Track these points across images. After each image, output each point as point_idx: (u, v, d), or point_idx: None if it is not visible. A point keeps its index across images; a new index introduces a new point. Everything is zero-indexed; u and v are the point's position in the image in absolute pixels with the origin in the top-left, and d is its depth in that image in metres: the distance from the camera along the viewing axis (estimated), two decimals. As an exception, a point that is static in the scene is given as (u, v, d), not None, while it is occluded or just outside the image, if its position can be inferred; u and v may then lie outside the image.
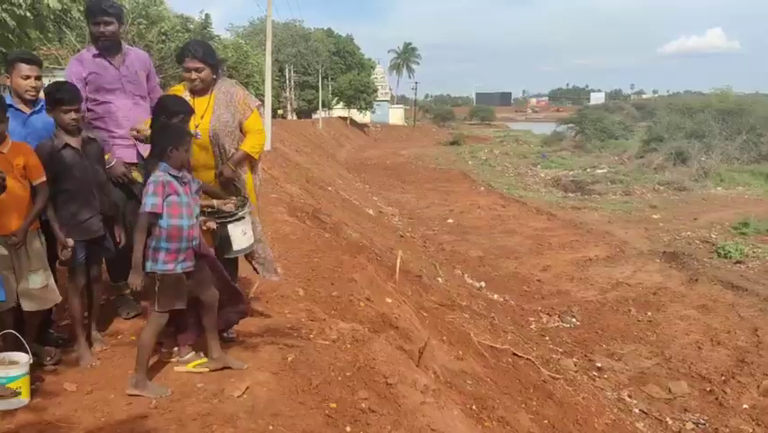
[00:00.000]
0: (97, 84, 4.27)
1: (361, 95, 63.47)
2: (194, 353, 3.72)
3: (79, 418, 3.05)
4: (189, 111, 3.79)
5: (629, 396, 7.68)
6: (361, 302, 5.29)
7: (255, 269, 4.38)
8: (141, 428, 3.08)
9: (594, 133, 41.31)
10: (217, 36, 31.77)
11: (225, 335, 3.99)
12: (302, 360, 3.67)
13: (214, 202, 3.99)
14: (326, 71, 59.38)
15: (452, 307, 7.78)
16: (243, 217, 4.02)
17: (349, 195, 20.21)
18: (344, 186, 23.36)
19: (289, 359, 3.68)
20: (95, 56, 4.30)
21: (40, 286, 3.54)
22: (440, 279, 10.67)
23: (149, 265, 3.44)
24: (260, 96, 23.55)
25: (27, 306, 3.52)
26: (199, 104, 4.12)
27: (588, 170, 31.07)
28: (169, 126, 3.66)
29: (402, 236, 15.24)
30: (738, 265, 13.12)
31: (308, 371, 3.58)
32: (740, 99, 36.76)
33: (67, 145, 3.70)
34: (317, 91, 54.92)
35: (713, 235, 15.84)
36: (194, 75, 4.05)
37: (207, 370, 3.59)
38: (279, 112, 50.06)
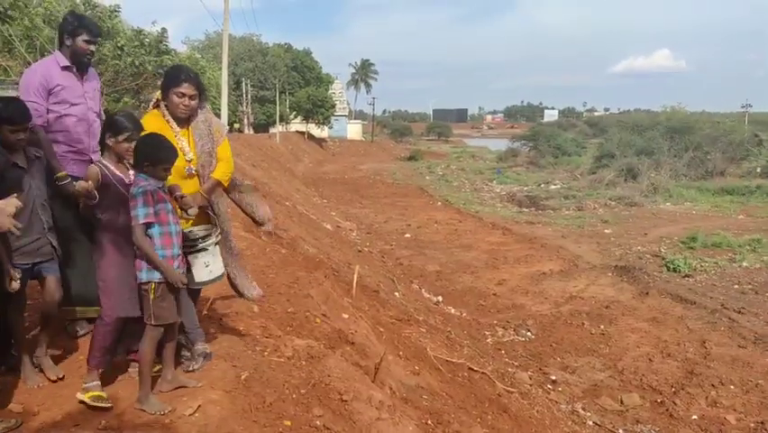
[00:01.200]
0: (62, 97, 4.15)
1: (318, 109, 63.51)
2: (98, 381, 3.46)
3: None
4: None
5: (583, 408, 7.78)
6: (317, 318, 5.24)
7: (237, 291, 4.26)
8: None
9: (548, 150, 42.21)
10: (173, 50, 31.41)
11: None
12: (256, 378, 3.61)
13: (193, 228, 3.89)
14: (284, 86, 59.23)
15: (408, 321, 7.78)
16: (206, 249, 3.85)
17: (306, 210, 20.09)
18: (302, 200, 23.24)
19: (243, 377, 3.61)
20: (63, 68, 4.19)
21: None
22: (397, 293, 10.67)
23: (144, 275, 3.43)
24: (216, 110, 23.33)
25: None
26: (183, 135, 4.02)
27: (542, 185, 31.66)
28: (157, 143, 3.60)
29: (360, 251, 15.21)
30: (687, 279, 13.49)
31: (262, 388, 3.52)
32: (687, 117, 38.08)
33: (14, 164, 3.54)
34: (275, 105, 54.72)
35: (663, 250, 16.26)
36: (187, 101, 3.93)
37: (100, 406, 3.32)
38: (236, 126, 49.67)
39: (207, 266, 3.83)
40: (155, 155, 3.49)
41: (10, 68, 13.97)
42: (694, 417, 7.65)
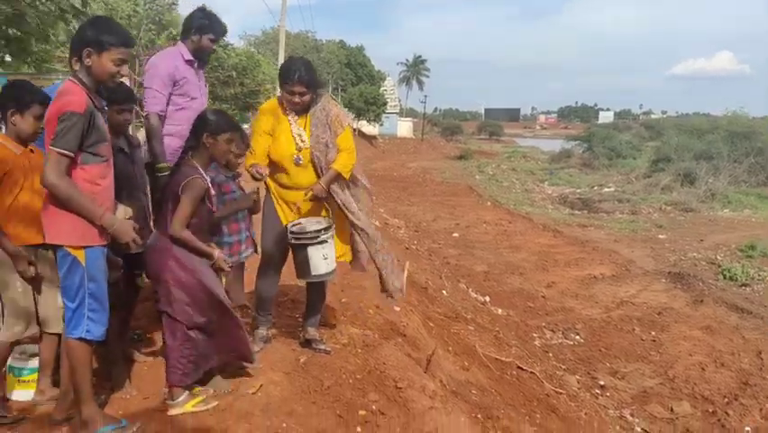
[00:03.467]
0: (185, 89, 4.28)
1: (370, 107, 63.74)
2: (187, 392, 3.55)
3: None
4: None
5: (631, 415, 7.67)
6: (369, 309, 5.35)
7: (384, 289, 4.35)
8: (162, 420, 3.15)
9: (602, 152, 41.31)
10: (231, 45, 32.02)
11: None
12: (314, 362, 3.76)
13: (302, 220, 3.96)
14: (337, 82, 59.72)
15: (457, 319, 7.81)
16: (326, 241, 3.89)
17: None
18: (352, 197, 23.39)
19: (301, 360, 3.77)
20: (186, 61, 4.33)
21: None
22: (445, 292, 10.69)
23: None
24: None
25: (54, 327, 3.36)
26: (299, 124, 4.12)
27: (595, 187, 31.07)
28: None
29: (408, 249, 15.26)
30: (744, 288, 13.10)
31: (320, 372, 3.66)
32: (749, 122, 36.78)
33: (120, 150, 3.63)
34: (327, 102, 55.19)
35: (719, 257, 15.81)
36: (297, 99, 4.03)
37: (207, 408, 3.41)
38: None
39: (326, 258, 3.88)
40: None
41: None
42: (747, 428, 7.46)
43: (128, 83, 4.25)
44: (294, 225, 3.94)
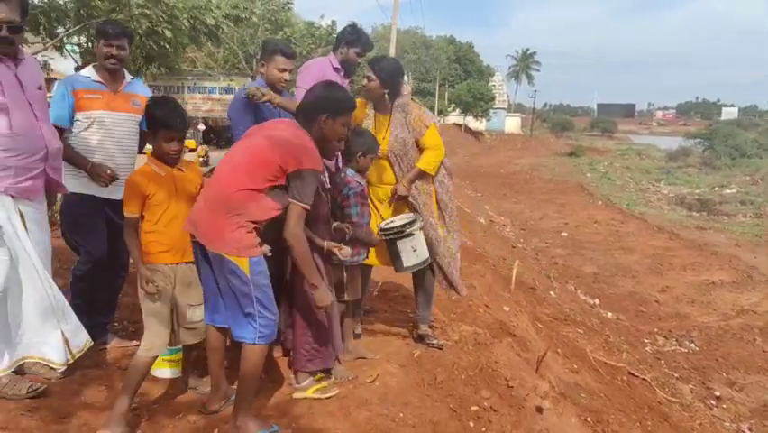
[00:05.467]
0: None
1: (478, 102, 63.27)
2: (311, 378, 3.76)
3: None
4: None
5: (750, 429, 7.33)
6: (479, 308, 5.47)
7: (450, 284, 4.55)
8: (289, 405, 3.44)
9: (724, 150, 38.93)
10: (342, 42, 32.80)
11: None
12: (427, 356, 3.94)
13: (393, 218, 4.26)
14: (445, 78, 59.68)
15: (566, 321, 7.76)
16: (413, 234, 4.09)
17: (461, 202, 20.27)
18: (456, 193, 23.38)
19: (416, 354, 3.95)
20: (334, 68, 4.68)
21: (199, 320, 3.47)
22: (553, 293, 10.59)
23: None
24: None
25: (188, 339, 3.51)
26: (381, 121, 4.34)
27: (716, 188, 29.40)
28: (363, 133, 4.04)
29: (514, 247, 15.18)
30: None
31: (433, 367, 3.83)
32: None
33: None
34: (435, 98, 55.26)
35: None
36: (366, 83, 4.28)
37: (326, 396, 3.58)
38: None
39: (415, 250, 4.13)
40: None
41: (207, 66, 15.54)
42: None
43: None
44: (385, 223, 4.19)
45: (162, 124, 3.35)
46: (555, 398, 3.93)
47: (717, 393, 8.28)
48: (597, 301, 12.04)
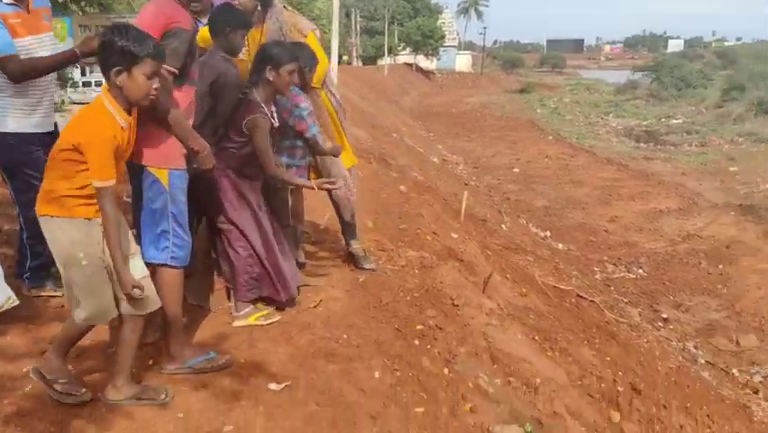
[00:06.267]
0: None
1: (427, 40, 62.44)
2: (252, 306, 3.65)
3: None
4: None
5: (695, 347, 7.58)
6: (427, 236, 5.41)
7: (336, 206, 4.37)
8: (229, 333, 3.35)
9: (671, 82, 39.49)
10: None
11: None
12: (372, 281, 3.91)
13: None
14: (393, 16, 58.55)
15: (516, 250, 7.79)
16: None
17: (413, 142, 20.15)
18: (409, 133, 23.28)
19: (360, 279, 3.91)
20: None
21: (141, 276, 2.75)
22: (504, 226, 10.63)
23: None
24: (327, 42, 23.47)
25: (130, 309, 2.75)
26: (253, 35, 3.87)
27: (662, 120, 29.90)
28: (303, 46, 3.84)
29: (466, 184, 15.18)
30: (822, 220, 12.52)
31: (379, 290, 3.80)
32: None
33: None
34: (384, 37, 54.32)
35: (795, 189, 15.10)
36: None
37: (268, 323, 3.52)
38: (345, 58, 49.90)
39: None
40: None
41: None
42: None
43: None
44: None
45: (141, 54, 2.59)
46: (501, 316, 3.95)
47: (665, 315, 8.52)
48: (548, 233, 12.18)
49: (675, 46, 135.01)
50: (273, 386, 2.88)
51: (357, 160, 4.50)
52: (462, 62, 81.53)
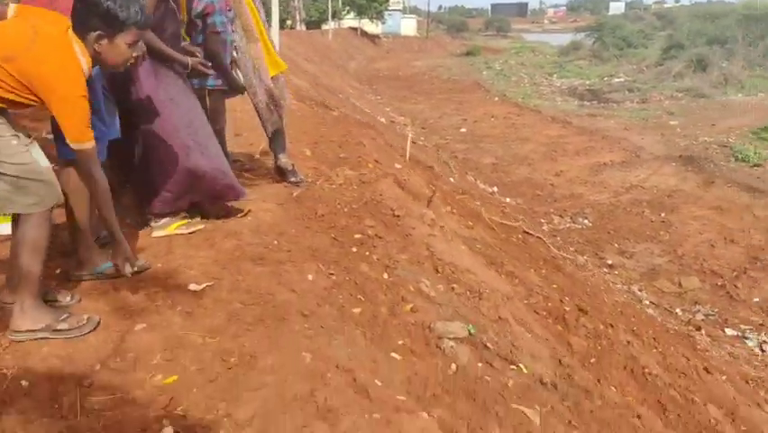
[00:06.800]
0: None
1: (372, 3, 61.54)
2: (171, 216, 3.44)
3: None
4: None
5: (639, 290, 7.72)
6: (369, 163, 5.21)
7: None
8: (148, 243, 3.16)
9: (612, 42, 39.98)
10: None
11: None
12: (308, 195, 3.77)
13: None
14: (336, -21, 57.35)
15: (463, 194, 7.73)
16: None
17: (360, 104, 19.91)
18: (355, 95, 22.99)
19: (295, 194, 3.72)
20: None
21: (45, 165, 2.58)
22: (452, 179, 10.59)
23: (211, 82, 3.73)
24: (267, 6, 22.75)
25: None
26: None
27: (605, 78, 30.28)
28: None
29: (414, 143, 15.07)
30: (756, 168, 12.90)
31: (314, 204, 3.67)
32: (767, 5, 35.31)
33: None
34: (328, 0, 53.21)
35: (731, 140, 15.50)
36: None
37: (190, 232, 3.33)
38: (288, 23, 48.82)
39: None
40: None
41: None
42: (756, 299, 7.50)
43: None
44: None
45: (128, 22, 2.41)
46: (444, 228, 3.84)
47: (610, 262, 8.65)
48: (495, 189, 12.23)
49: (616, 9, 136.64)
50: (193, 286, 2.71)
51: (285, 66, 4.29)
52: (408, 26, 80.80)
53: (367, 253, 3.29)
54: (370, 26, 67.06)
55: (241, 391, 2.07)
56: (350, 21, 65.13)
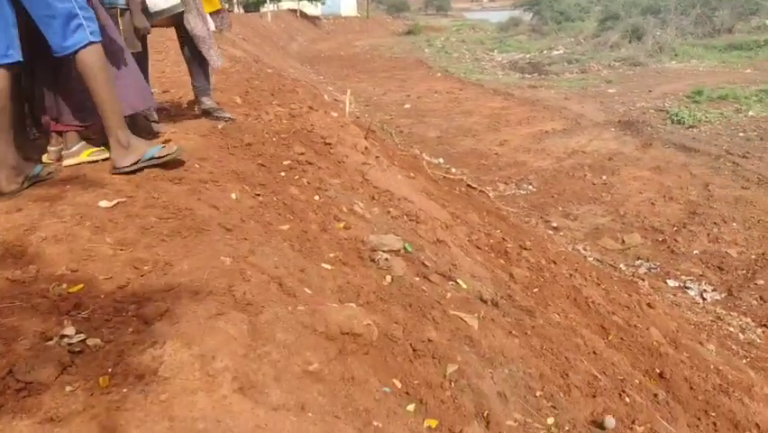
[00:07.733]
0: None
1: (310, -16, 60.68)
2: (83, 142, 3.24)
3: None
4: None
5: (584, 248, 7.83)
6: (303, 109, 5.01)
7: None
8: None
9: (551, 16, 40.56)
10: None
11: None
12: (234, 127, 3.58)
13: None
14: (273, -40, 56.25)
15: (406, 158, 7.65)
16: None
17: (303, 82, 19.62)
18: (297, 75, 22.62)
19: (219, 127, 3.52)
20: None
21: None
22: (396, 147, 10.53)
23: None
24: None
25: None
26: None
27: (544, 51, 30.65)
28: None
29: (358, 117, 14.94)
30: (691, 129, 13.27)
31: (240, 134, 3.45)
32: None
33: None
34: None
35: (667, 105, 15.91)
36: None
37: (103, 159, 3.13)
38: (225, 6, 47.64)
39: None
40: None
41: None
42: (696, 252, 7.71)
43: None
44: None
45: None
46: (379, 158, 3.72)
47: (555, 224, 8.75)
48: (441, 160, 12.21)
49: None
50: (104, 203, 2.55)
51: (221, 5, 4.12)
52: (348, 7, 79.93)
53: (296, 177, 3.14)
54: (310, 8, 66.07)
55: (153, 292, 1.93)
56: (289, 3, 64.06)
